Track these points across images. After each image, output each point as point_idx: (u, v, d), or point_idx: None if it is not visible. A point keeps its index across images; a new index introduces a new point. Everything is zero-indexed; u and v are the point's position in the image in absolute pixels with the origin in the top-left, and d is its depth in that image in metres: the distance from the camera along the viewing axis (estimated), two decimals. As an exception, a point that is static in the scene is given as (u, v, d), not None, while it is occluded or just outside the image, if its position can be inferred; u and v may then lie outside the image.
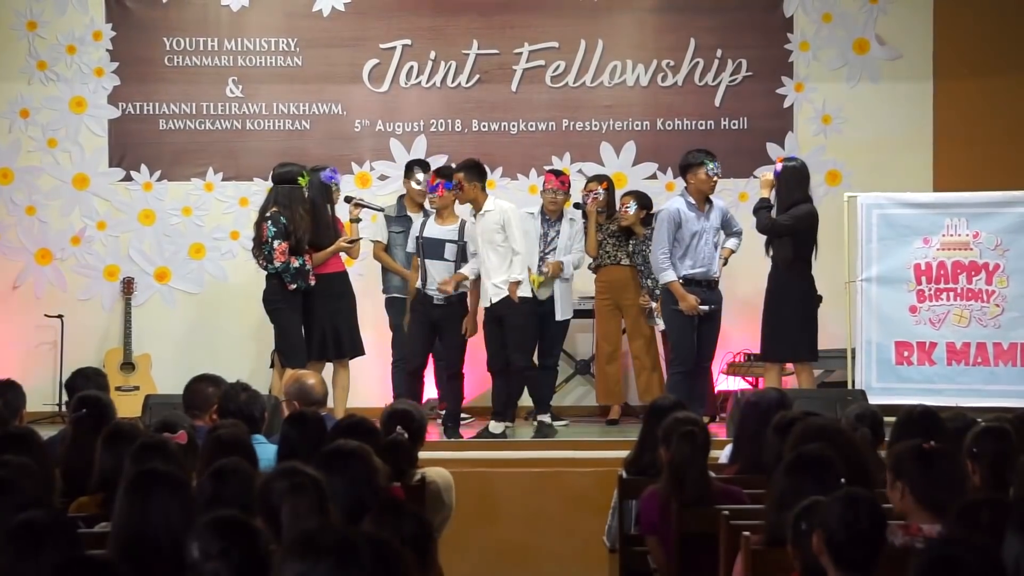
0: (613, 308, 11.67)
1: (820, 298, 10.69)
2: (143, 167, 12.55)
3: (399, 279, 11.37)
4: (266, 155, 12.46)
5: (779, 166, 10.64)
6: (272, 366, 10.83)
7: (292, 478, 4.67)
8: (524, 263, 10.43)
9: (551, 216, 11.38)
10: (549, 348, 11.38)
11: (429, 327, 10.61)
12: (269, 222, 10.32)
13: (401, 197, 11.62)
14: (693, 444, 6.32)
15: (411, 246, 10.88)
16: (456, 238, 10.61)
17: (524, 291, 10.46)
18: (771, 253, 10.64)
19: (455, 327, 10.56)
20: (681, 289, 10.30)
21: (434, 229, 10.69)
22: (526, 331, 10.54)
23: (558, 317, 11.15)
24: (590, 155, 12.67)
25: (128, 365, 11.93)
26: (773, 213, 10.48)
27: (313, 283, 10.44)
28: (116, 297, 12.42)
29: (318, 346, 10.55)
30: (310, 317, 10.51)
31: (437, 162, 12.28)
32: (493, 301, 10.43)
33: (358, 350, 10.76)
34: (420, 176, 11.39)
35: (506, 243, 10.38)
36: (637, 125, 12.67)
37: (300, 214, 10.37)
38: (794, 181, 10.51)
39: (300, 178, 10.46)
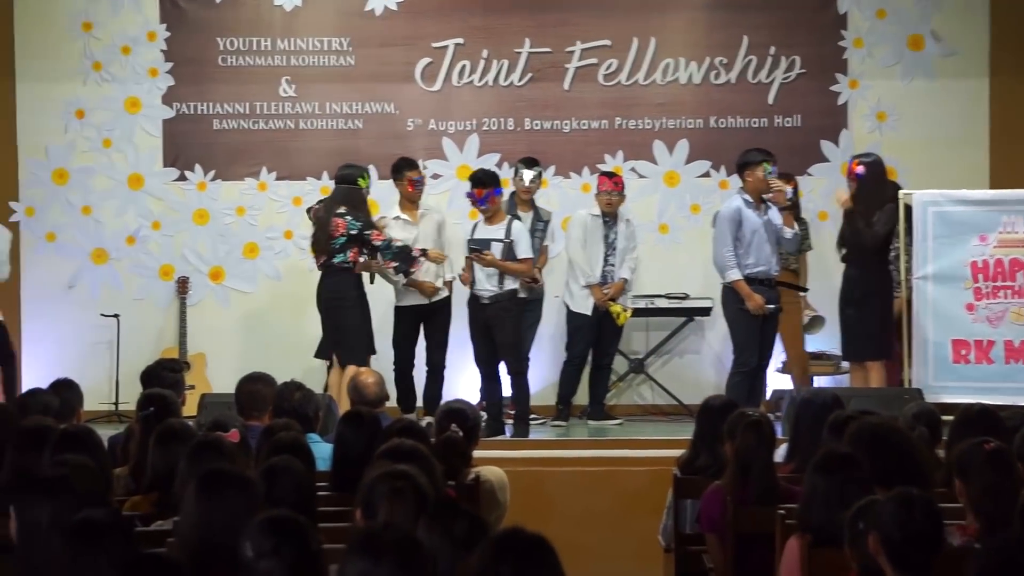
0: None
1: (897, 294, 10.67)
2: (197, 167, 12.60)
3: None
4: (319, 154, 12.51)
5: (860, 168, 10.50)
6: (331, 365, 10.85)
7: (393, 482, 4.68)
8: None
9: (609, 218, 11.35)
10: (605, 347, 11.42)
11: (483, 328, 10.64)
12: (349, 218, 10.40)
13: (512, 195, 11.60)
14: (759, 435, 6.32)
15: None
16: (503, 236, 10.61)
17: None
18: (844, 252, 10.66)
19: (506, 325, 10.56)
20: (747, 288, 10.25)
21: (483, 230, 10.74)
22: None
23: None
24: (643, 153, 12.62)
25: (183, 364, 11.96)
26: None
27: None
28: (171, 296, 12.47)
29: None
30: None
31: (488, 161, 12.29)
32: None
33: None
34: (527, 174, 11.37)
35: None
36: (690, 123, 12.62)
37: (365, 213, 10.55)
38: (881, 177, 10.52)
39: (360, 179, 10.57)
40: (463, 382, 11.36)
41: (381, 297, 11.18)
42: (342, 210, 10.45)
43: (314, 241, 10.69)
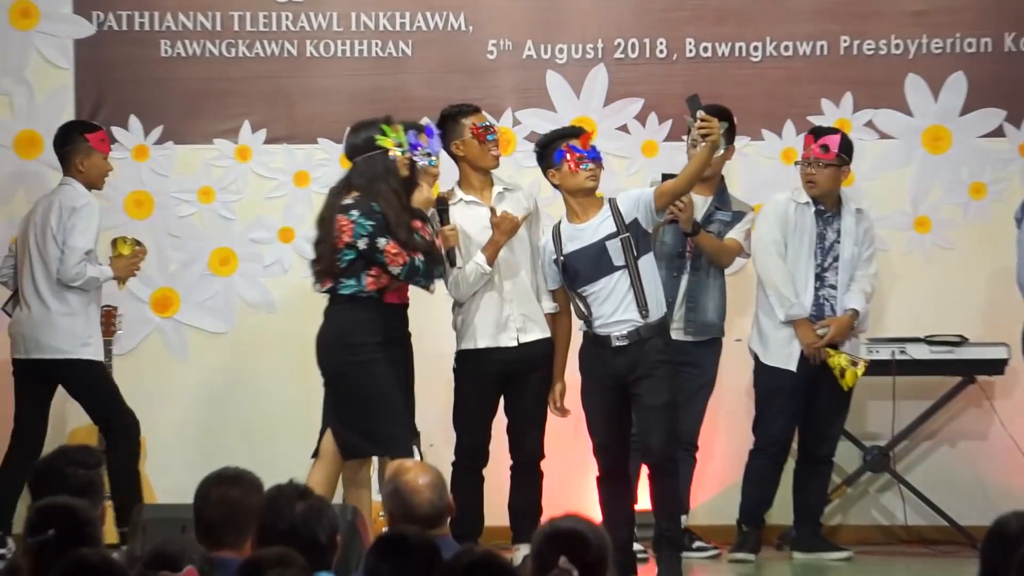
0: None
1: None
2: (133, 121, 12.73)
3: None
4: (338, 101, 12.76)
5: None
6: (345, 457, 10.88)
7: None
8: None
9: (827, 206, 11.43)
10: (822, 426, 11.55)
11: (612, 388, 10.54)
12: (356, 214, 10.40)
13: None
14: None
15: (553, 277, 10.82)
16: (614, 230, 10.47)
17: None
18: None
19: (658, 381, 10.43)
20: None
21: (570, 232, 10.59)
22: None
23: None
24: (886, 96, 12.73)
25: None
26: None
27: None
28: (88, 339, 12.54)
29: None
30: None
31: (624, 111, 12.28)
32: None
33: None
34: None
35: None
36: (969, 44, 12.71)
37: (386, 194, 10.47)
38: None
39: (379, 136, 10.53)
40: (566, 485, 11.37)
41: (422, 333, 11.09)
42: (349, 200, 10.47)
43: (316, 256, 10.67)
